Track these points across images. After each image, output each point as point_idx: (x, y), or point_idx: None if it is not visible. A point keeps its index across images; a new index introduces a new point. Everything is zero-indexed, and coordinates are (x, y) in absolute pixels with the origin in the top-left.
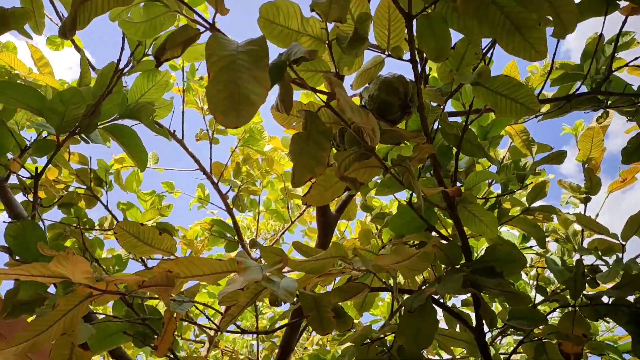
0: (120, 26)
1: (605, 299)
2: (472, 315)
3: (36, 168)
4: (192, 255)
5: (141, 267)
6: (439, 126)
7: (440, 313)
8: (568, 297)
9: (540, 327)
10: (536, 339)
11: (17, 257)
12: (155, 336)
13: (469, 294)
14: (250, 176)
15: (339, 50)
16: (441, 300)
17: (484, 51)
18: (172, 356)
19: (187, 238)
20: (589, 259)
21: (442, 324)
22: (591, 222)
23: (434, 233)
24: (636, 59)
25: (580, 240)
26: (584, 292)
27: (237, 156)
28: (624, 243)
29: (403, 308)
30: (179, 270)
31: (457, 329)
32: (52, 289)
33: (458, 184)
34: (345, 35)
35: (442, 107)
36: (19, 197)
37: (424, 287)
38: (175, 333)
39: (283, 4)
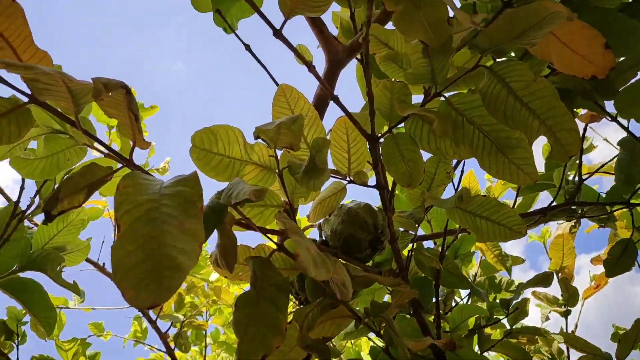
0: (13, 165)
1: None
2: None
3: None
4: None
5: None
6: (411, 255)
7: None
8: None
9: None
10: None
11: None
12: None
13: None
14: (195, 307)
15: (292, 179)
16: None
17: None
18: None
19: None
20: None
21: None
22: (579, 341)
23: None
24: (604, 165)
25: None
26: None
27: None
28: None
29: None
30: None
31: None
32: None
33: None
34: (298, 162)
35: (414, 234)
36: None
37: None
38: None
39: (222, 129)
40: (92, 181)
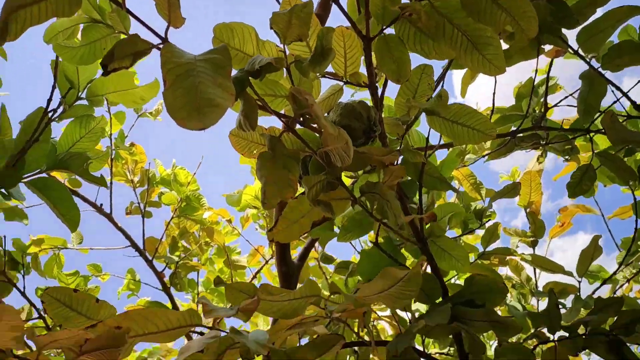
0: (55, 50)
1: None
2: None
3: None
4: (142, 308)
5: None
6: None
7: None
8: (546, 332)
9: None
10: None
11: None
12: None
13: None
14: (188, 251)
15: (297, 76)
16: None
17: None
18: None
19: None
20: (544, 304)
21: None
22: (546, 262)
23: None
24: (566, 97)
25: (535, 285)
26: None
27: (173, 230)
28: (579, 280)
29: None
30: (128, 325)
31: None
32: None
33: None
34: (303, 58)
35: (401, 137)
36: None
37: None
38: None
39: (238, 26)
40: (136, 50)
